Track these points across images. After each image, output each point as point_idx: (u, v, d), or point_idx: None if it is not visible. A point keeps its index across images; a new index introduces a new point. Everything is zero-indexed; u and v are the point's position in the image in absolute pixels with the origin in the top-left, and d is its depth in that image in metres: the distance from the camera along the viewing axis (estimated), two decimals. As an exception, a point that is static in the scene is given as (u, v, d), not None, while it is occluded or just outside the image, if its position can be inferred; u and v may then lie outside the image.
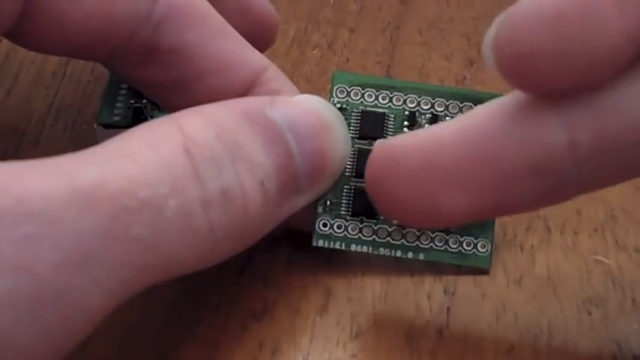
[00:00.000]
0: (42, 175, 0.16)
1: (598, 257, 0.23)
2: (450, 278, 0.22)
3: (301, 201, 0.21)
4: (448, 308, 0.22)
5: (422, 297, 0.22)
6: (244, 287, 0.22)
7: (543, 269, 0.23)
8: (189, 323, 0.21)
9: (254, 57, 0.22)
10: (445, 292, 0.22)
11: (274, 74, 0.23)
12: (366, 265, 0.23)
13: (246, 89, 0.22)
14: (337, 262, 0.23)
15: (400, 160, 0.19)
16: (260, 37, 0.24)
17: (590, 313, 0.22)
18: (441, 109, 0.23)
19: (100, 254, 0.16)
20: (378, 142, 0.20)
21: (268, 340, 0.21)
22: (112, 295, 0.16)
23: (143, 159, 0.17)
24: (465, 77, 0.29)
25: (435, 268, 0.23)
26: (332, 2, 0.32)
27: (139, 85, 0.24)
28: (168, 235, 0.17)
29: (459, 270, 0.23)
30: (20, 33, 0.21)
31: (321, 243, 0.22)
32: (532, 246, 0.23)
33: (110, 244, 0.16)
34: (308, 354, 0.21)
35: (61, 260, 0.15)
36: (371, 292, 0.22)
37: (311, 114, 0.21)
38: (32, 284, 0.15)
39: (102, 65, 0.24)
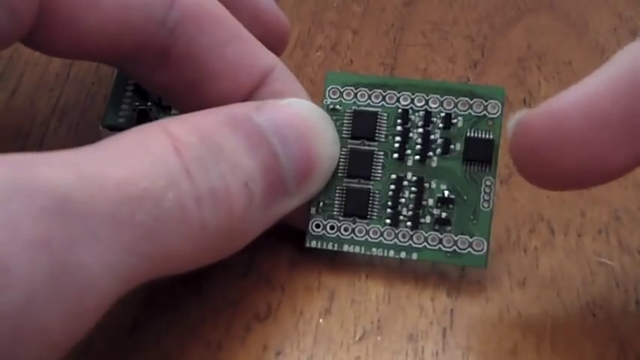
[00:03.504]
0: (48, 165, 0.16)
1: (602, 259, 0.23)
2: (454, 280, 0.22)
3: (291, 203, 0.21)
4: (452, 310, 0.22)
5: (425, 299, 0.22)
6: (248, 289, 0.22)
7: (547, 271, 0.23)
8: (193, 325, 0.21)
9: (264, 57, 0.23)
10: (448, 294, 0.22)
11: (281, 74, 0.23)
12: (369, 267, 0.23)
13: (253, 90, 0.22)
14: (341, 264, 0.23)
15: (564, 125, 0.19)
16: (272, 44, 0.24)
17: (594, 315, 0.22)
18: (435, 105, 0.22)
19: (108, 237, 0.16)
20: (526, 112, 0.20)
21: (272, 342, 0.21)
22: (119, 280, 0.16)
23: (139, 155, 0.18)
24: (468, 79, 0.29)
25: (438, 270, 0.23)
26: (335, 4, 0.32)
27: (153, 87, 0.24)
28: (167, 226, 0.17)
29: (462, 272, 0.23)
30: (36, 38, 0.21)
31: (314, 244, 0.22)
32: (536, 248, 0.23)
33: (117, 228, 0.16)
34: (311, 356, 0.21)
35: (74, 237, 0.15)
36: (374, 294, 0.22)
37: (298, 117, 0.21)
38: (49, 259, 0.15)
39: (110, 67, 0.24)
